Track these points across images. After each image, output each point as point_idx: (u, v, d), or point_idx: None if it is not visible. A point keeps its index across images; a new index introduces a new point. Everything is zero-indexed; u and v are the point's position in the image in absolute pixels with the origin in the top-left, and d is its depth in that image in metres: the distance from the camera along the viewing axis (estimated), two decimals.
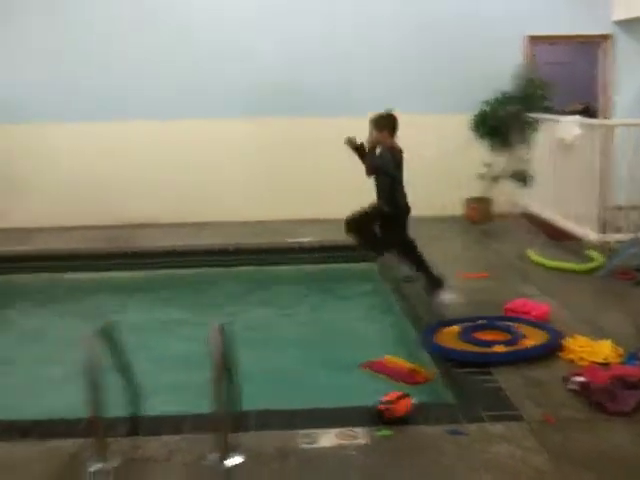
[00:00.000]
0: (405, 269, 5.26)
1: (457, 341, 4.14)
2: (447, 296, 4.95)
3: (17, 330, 5.70)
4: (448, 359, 3.97)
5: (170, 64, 8.16)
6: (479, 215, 7.87)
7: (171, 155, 8.26)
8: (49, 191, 8.18)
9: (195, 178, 8.26)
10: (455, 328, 4.34)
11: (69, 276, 6.86)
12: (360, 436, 3.10)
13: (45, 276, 6.86)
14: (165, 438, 3.15)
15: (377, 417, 3.22)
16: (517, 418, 3.25)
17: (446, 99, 8.16)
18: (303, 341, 5.13)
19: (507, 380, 3.67)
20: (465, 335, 4.17)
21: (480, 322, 4.40)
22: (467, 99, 7.93)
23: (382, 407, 3.22)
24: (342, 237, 7.07)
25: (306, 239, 7.15)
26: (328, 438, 3.09)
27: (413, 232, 7.26)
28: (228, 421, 3.11)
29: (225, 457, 2.90)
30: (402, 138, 7.85)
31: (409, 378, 4.11)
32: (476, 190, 7.94)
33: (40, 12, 8.03)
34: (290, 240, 7.16)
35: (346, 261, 6.85)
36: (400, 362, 4.38)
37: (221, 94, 8.18)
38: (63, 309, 6.08)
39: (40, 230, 7.93)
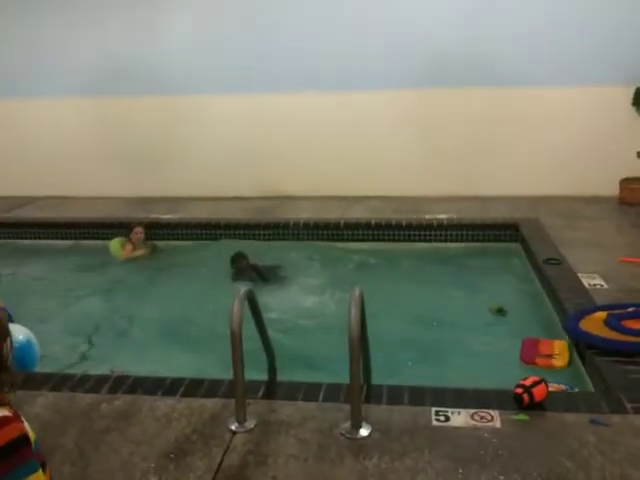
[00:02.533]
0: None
1: (603, 328, 3.92)
2: None
3: (165, 291, 6.11)
4: (592, 346, 3.77)
5: (330, 33, 7.95)
6: (635, 197, 7.36)
7: (322, 128, 8.25)
8: (202, 162, 8.50)
9: (345, 152, 8.22)
10: (602, 314, 4.11)
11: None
12: (495, 419, 3.03)
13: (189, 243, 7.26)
14: (300, 404, 3.24)
15: (514, 401, 3.13)
16: None
17: (605, 70, 7.51)
18: (439, 319, 5.08)
19: None
20: (612, 322, 3.94)
21: (630, 309, 4.13)
22: (629, 71, 7.38)
23: (519, 391, 3.12)
24: (483, 215, 7.00)
25: (445, 216, 7.04)
26: (461, 418, 3.05)
27: (563, 211, 6.99)
28: (362, 392, 3.18)
29: (357, 427, 2.97)
30: (553, 111, 7.65)
31: (531, 360, 4.07)
32: (633, 170, 7.43)
33: None
34: (428, 217, 7.06)
35: (487, 240, 6.73)
36: (556, 347, 4.22)
37: (384, 65, 7.89)
38: (209, 274, 6.39)
39: (188, 199, 8.37)
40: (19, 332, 4.21)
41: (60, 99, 8.67)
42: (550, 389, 3.22)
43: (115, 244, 6.94)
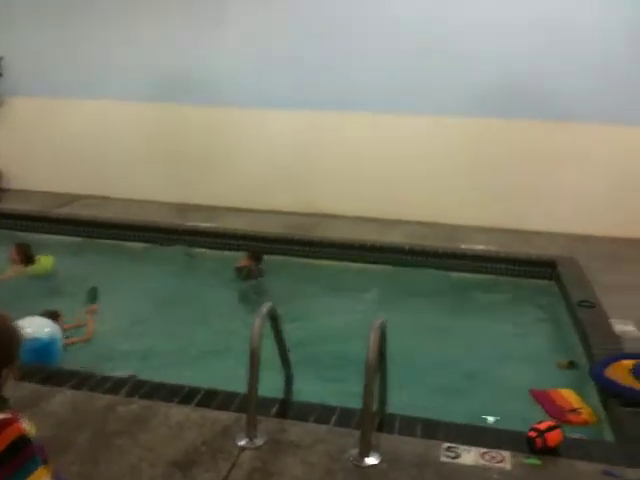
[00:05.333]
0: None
1: (629, 377, 3.82)
2: None
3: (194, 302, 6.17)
4: (615, 395, 3.69)
5: (381, 56, 7.96)
6: None
7: (367, 149, 8.26)
8: (243, 173, 8.59)
9: (388, 174, 8.20)
10: (629, 363, 4.01)
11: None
12: (506, 460, 2.99)
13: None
14: (311, 426, 3.25)
15: (527, 444, 3.08)
16: None
17: None
18: (461, 355, 4.98)
19: None
20: (638, 371, 3.85)
21: None
22: None
23: (533, 434, 3.07)
24: (520, 248, 6.90)
25: (481, 247, 6.97)
26: (471, 456, 3.01)
27: (605, 252, 6.75)
28: (374, 420, 3.17)
29: (365, 455, 2.96)
30: (601, 149, 7.51)
31: (562, 417, 3.87)
32: None
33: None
34: (464, 246, 7.01)
35: (520, 275, 6.62)
36: (570, 398, 4.12)
37: (436, 92, 7.86)
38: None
39: (227, 210, 8.41)
40: (46, 328, 4.36)
41: (115, 102, 8.87)
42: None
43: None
